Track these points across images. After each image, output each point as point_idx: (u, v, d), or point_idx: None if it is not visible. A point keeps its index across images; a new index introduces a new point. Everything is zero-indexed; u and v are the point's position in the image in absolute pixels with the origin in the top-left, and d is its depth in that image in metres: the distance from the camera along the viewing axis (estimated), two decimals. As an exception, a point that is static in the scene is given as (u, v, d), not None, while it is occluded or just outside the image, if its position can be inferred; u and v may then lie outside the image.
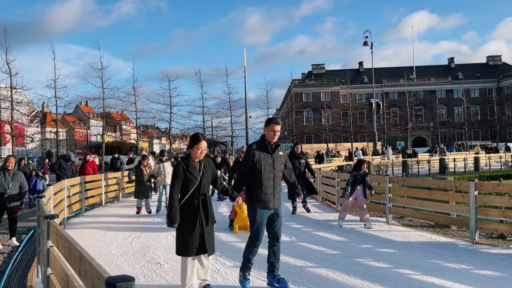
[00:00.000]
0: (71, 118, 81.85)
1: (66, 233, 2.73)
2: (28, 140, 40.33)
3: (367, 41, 30.59)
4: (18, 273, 5.68)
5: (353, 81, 66.48)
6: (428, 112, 67.17)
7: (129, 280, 1.51)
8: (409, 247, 6.61)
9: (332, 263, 5.63)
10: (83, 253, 2.11)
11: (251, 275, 4.87)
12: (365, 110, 59.07)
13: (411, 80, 67.26)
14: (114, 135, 61.65)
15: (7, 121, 36.35)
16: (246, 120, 42.41)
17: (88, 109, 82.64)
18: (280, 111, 76.15)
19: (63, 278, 2.62)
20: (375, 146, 32.91)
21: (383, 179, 9.41)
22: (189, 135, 53.58)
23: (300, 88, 66.87)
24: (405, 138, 59.77)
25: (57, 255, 2.99)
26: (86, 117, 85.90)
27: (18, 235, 8.18)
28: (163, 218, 8.97)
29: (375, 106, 31.21)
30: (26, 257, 6.55)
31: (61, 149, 40.29)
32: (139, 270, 5.38)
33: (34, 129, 45.71)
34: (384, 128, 57.77)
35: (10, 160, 7.51)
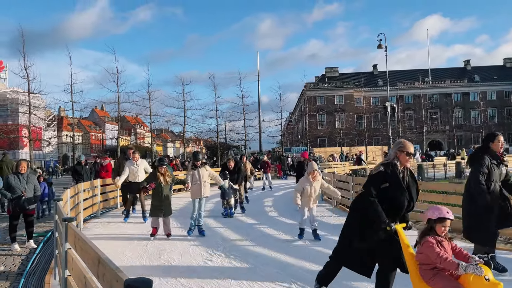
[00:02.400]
0: (87, 122, 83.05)
1: (84, 235, 2.77)
2: (45, 144, 41.02)
3: (381, 44, 30.36)
4: (36, 275, 5.77)
5: (367, 84, 66.01)
6: (444, 115, 66.28)
7: (147, 283, 1.52)
8: (425, 252, 6.51)
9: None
10: (101, 255, 2.14)
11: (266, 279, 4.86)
12: (380, 113, 58.55)
13: (426, 83, 66.46)
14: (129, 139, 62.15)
15: (24, 125, 37.04)
16: (259, 124, 42.47)
17: (103, 113, 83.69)
18: (293, 115, 76.00)
19: (81, 280, 2.66)
20: (390, 150, 32.57)
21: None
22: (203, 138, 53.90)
23: (313, 91, 66.66)
24: (420, 142, 59.04)
25: (74, 258, 3.03)
26: (102, 121, 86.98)
27: (36, 238, 8.31)
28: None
29: (389, 109, 30.87)
30: (43, 259, 6.65)
31: (77, 153, 40.78)
32: (154, 273, 5.42)
33: (51, 133, 46.47)
34: (399, 131, 57.16)
35: (23, 164, 7.65)
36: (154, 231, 7.79)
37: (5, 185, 7.31)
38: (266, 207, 12.09)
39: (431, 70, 69.62)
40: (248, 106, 43.37)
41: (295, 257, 6.19)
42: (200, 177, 7.99)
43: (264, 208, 11.98)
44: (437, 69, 72.40)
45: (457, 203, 7.84)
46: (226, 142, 45.97)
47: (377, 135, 60.85)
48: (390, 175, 3.80)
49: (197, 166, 8.09)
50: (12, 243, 7.41)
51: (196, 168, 8.07)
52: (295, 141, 69.91)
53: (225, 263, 5.91)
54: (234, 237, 7.86)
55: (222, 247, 6.90)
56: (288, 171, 29.90)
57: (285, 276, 5.20)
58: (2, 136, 41.46)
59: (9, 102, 51.33)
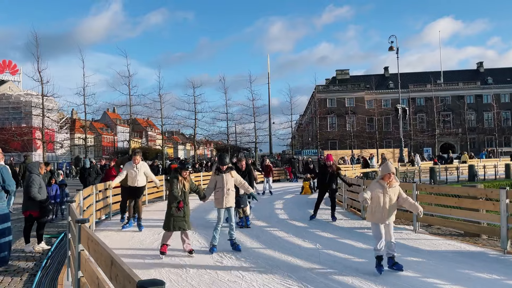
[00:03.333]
0: (99, 124, 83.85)
1: (97, 237, 2.80)
2: (58, 146, 41.51)
3: (393, 46, 30.19)
4: (49, 276, 5.84)
5: (378, 87, 65.63)
6: (456, 118, 65.56)
7: (159, 284, 1.54)
8: (437, 256, 6.46)
9: (358, 271, 5.56)
10: (114, 256, 2.17)
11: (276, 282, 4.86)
12: (391, 115, 58.15)
13: (438, 85, 65.81)
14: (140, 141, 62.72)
15: (38, 127, 37.58)
16: (269, 126, 42.49)
17: (115, 116, 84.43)
18: (303, 117, 75.81)
19: (94, 281, 2.69)
20: (402, 153, 32.31)
21: (410, 186, 9.24)
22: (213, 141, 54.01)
23: (324, 94, 66.44)
24: (432, 145, 58.49)
25: (87, 259, 3.07)
26: (113, 124, 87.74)
27: (49, 239, 8.41)
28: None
29: (401, 112, 30.65)
30: (56, 260, 6.73)
31: (89, 155, 41.23)
32: (165, 275, 5.45)
33: (63, 135, 47.06)
34: (410, 134, 56.69)
35: (43, 166, 7.82)
36: (165, 248, 6.54)
37: (38, 186, 7.36)
38: (276, 210, 12.08)
39: (443, 72, 68.95)
40: (259, 108, 43.47)
41: (305, 260, 6.18)
42: (224, 184, 6.91)
43: (275, 210, 11.97)
44: (450, 71, 71.68)
45: (470, 206, 7.77)
46: (236, 145, 46.06)
47: (389, 137, 60.42)
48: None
49: (222, 171, 7.01)
50: (27, 244, 7.49)
51: (221, 173, 6.99)
52: (306, 143, 69.68)
53: (236, 266, 5.92)
54: (244, 239, 7.87)
55: (233, 249, 6.90)
56: (298, 174, 29.78)
57: (296, 279, 5.19)
58: (16, 138, 42.07)
59: (23, 104, 52.14)
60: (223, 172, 7.02)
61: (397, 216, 9.89)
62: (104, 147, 78.91)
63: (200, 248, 7.15)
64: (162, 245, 6.57)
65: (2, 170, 6.37)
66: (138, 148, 31.23)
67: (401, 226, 9.21)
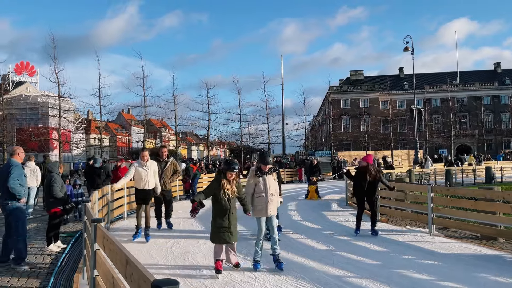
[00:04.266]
0: (114, 125, 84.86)
1: (113, 236, 2.84)
2: (74, 146, 42.09)
3: (408, 46, 29.90)
4: (65, 275, 5.93)
5: (393, 87, 64.98)
6: (473, 119, 64.54)
7: (174, 284, 1.56)
8: (453, 259, 6.37)
9: (372, 273, 5.52)
10: (129, 256, 2.20)
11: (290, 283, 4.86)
12: (406, 117, 57.53)
13: (454, 86, 64.86)
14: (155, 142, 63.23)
15: (55, 128, 38.14)
16: (283, 127, 42.43)
17: (130, 117, 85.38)
18: (317, 118, 75.53)
19: (109, 280, 2.73)
20: (417, 154, 31.96)
21: (425, 188, 9.14)
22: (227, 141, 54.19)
23: (338, 95, 66.07)
24: (448, 146, 57.71)
25: (103, 258, 3.11)
26: (128, 124, 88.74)
27: (64, 238, 8.54)
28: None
29: (416, 113, 30.32)
30: (72, 259, 6.82)
31: (104, 155, 41.74)
32: (179, 275, 5.49)
33: (79, 135, 47.69)
34: (426, 135, 56.02)
35: (62, 166, 8.00)
36: (220, 265, 5.53)
37: (60, 185, 7.57)
38: (289, 211, 12.06)
39: (460, 73, 67.96)
40: (272, 109, 43.48)
41: (319, 261, 6.15)
42: (266, 188, 5.83)
43: (288, 212, 11.95)
44: (466, 72, 70.61)
45: (487, 209, 7.65)
46: (249, 146, 46.12)
47: (403, 139, 59.78)
48: None
49: (264, 172, 5.91)
50: (49, 244, 7.61)
51: (262, 175, 5.90)
52: (319, 144, 69.40)
53: (249, 267, 5.92)
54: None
55: (246, 250, 6.92)
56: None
57: (309, 281, 5.18)
58: (33, 138, 42.81)
59: (40, 105, 53.01)
60: (265, 173, 5.91)
61: (412, 218, 9.83)
62: (119, 147, 79.76)
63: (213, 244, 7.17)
64: (216, 262, 5.55)
65: (13, 168, 6.42)
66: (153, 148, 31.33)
67: (416, 228, 9.12)
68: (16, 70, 58.31)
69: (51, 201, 7.51)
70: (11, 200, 6.39)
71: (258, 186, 5.85)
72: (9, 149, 30.53)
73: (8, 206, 6.38)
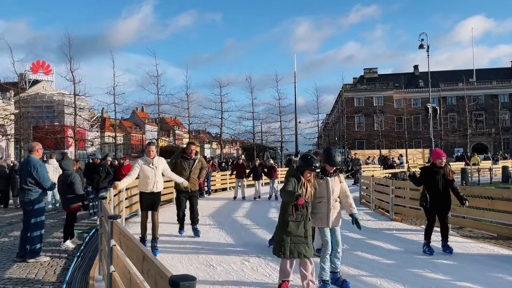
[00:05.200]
0: (128, 123, 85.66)
1: (129, 232, 2.87)
2: (89, 144, 42.61)
3: (423, 43, 29.53)
4: (81, 270, 6.01)
5: (407, 85, 64.29)
6: (489, 117, 63.53)
7: (191, 280, 1.57)
8: (469, 259, 6.29)
9: (387, 272, 5.48)
10: (146, 252, 2.22)
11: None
12: (421, 115, 56.95)
13: (470, 84, 63.90)
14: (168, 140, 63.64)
15: (70, 126, 38.70)
16: (295, 126, 42.24)
17: (143, 115, 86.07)
18: (330, 116, 75.15)
19: (126, 275, 2.76)
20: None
21: (440, 187, 9.02)
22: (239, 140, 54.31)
23: (351, 93, 65.65)
24: (464, 145, 56.89)
25: (119, 254, 3.15)
26: (142, 122, 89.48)
27: (80, 234, 8.67)
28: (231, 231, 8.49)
29: (431, 111, 29.92)
30: (87, 255, 6.92)
31: (119, 153, 42.19)
32: (192, 271, 5.52)
33: (94, 133, 48.29)
34: (441, 134, 55.33)
35: (75, 164, 8.12)
36: (286, 286, 4.57)
37: (80, 183, 7.77)
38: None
39: (476, 71, 66.91)
40: (285, 107, 43.36)
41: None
42: (329, 192, 4.89)
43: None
44: (482, 70, 69.52)
45: (504, 209, 7.53)
46: (262, 144, 46.11)
47: (418, 137, 59.16)
48: None
49: (328, 174, 4.93)
50: (66, 240, 7.73)
51: (326, 177, 4.92)
52: (332, 143, 69.05)
53: (262, 265, 5.93)
54: (270, 238, 7.87)
55: (259, 248, 6.93)
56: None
57: (323, 279, 5.15)
58: (49, 136, 43.48)
59: (56, 103, 53.83)
60: (329, 175, 4.94)
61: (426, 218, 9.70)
62: (133, 145, 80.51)
63: (226, 246, 7.20)
64: (282, 283, 4.59)
65: (38, 167, 6.56)
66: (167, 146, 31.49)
67: (431, 228, 9.01)
68: (32, 69, 59.21)
69: (70, 198, 7.64)
70: (30, 197, 6.50)
71: (319, 190, 4.86)
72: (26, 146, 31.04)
73: (28, 202, 6.50)
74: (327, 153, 5.02)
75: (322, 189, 4.86)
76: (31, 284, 5.37)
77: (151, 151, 6.76)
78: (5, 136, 36.45)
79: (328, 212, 4.89)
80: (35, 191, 6.53)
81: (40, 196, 6.65)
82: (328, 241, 4.90)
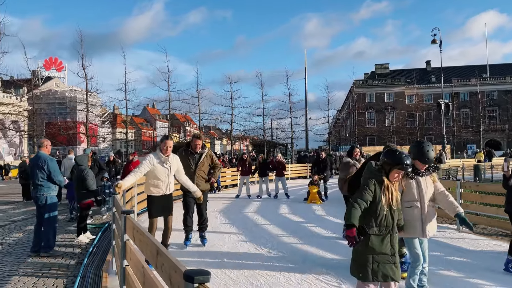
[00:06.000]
0: (139, 119, 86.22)
1: (143, 227, 2.89)
2: (101, 140, 43.03)
3: (435, 38, 29.20)
4: (94, 264, 6.09)
5: (419, 81, 63.67)
6: (503, 113, 62.62)
7: (205, 274, 1.58)
8: (482, 256, 6.23)
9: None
10: (159, 247, 2.24)
11: (314, 277, 4.82)
12: (433, 111, 56.36)
13: (484, 80, 63.03)
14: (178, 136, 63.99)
15: (82, 122, 39.07)
16: (306, 122, 42.20)
17: (154, 111, 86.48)
18: (341, 113, 74.80)
19: (139, 270, 2.79)
20: (444, 149, 31.25)
21: (454, 184, 8.95)
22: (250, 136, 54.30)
23: (362, 89, 65.22)
24: (477, 141, 56.25)
25: (133, 248, 3.18)
26: (153, 119, 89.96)
27: (93, 229, 8.77)
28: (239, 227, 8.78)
29: (443, 107, 29.60)
30: (100, 250, 7.00)
31: (130, 149, 42.48)
32: (204, 267, 5.54)
33: (106, 129, 48.72)
34: (453, 130, 54.75)
35: (90, 159, 8.25)
36: None
37: (92, 178, 7.88)
38: (313, 206, 12.02)
39: (490, 66, 65.95)
40: (295, 104, 43.33)
41: (344, 256, 6.10)
42: (422, 195, 4.15)
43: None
44: (496, 65, 68.51)
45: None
46: (272, 140, 46.10)
47: (430, 134, 58.58)
48: None
49: (420, 172, 4.17)
50: (79, 235, 7.83)
51: (417, 176, 4.17)
52: (343, 139, 68.77)
53: (273, 260, 5.94)
54: (281, 234, 7.89)
55: (270, 244, 6.94)
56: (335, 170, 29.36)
57: (335, 275, 5.16)
58: (62, 132, 43.99)
59: (68, 100, 54.41)
60: (420, 173, 4.18)
61: (439, 215, 9.62)
62: (144, 141, 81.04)
63: (238, 241, 7.22)
64: None
65: (49, 161, 6.64)
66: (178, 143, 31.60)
67: (443, 225, 8.94)
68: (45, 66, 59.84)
69: (83, 193, 7.74)
70: (43, 192, 6.59)
71: (408, 192, 4.10)
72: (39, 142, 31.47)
73: (42, 198, 6.59)
74: (418, 148, 4.18)
75: (412, 191, 4.11)
76: (45, 278, 5.45)
77: (168, 147, 5.58)
78: (18, 132, 36.92)
79: (421, 219, 4.09)
80: (47, 186, 6.62)
81: (53, 191, 6.74)
82: (419, 255, 4.15)
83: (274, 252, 6.43)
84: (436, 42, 29.10)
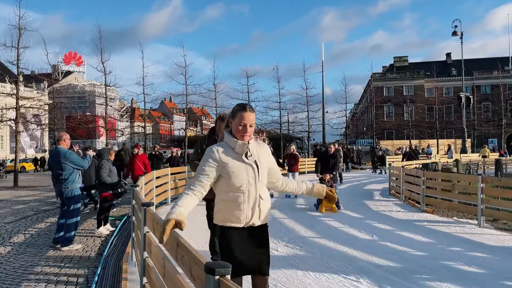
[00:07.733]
0: (157, 113, 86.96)
1: (162, 219, 2.92)
2: (119, 134, 43.57)
3: (456, 30, 28.58)
4: (114, 256, 6.19)
5: (439, 74, 62.49)
6: (526, 107, 61.09)
7: (226, 267, 1.58)
8: (504, 252, 6.11)
9: (418, 264, 5.39)
10: (179, 239, 2.25)
11: (332, 271, 4.81)
12: (453, 104, 55.33)
13: (506, 72, 61.47)
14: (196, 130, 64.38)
15: (101, 116, 39.60)
16: (323, 115, 41.84)
17: (172, 105, 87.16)
18: (358, 106, 74.04)
19: (159, 262, 2.81)
20: (464, 144, 30.67)
21: (475, 179, 8.79)
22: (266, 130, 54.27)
23: (380, 82, 64.37)
24: (498, 135, 55.04)
25: (153, 240, 3.21)
26: (170, 113, 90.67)
27: (112, 221, 8.91)
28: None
29: (464, 100, 29.02)
30: (120, 242, 7.11)
31: (148, 143, 42.93)
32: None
33: (124, 123, 49.30)
34: (474, 124, 53.65)
35: (112, 153, 8.42)
36: None
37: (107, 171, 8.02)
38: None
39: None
40: (312, 97, 42.91)
41: (362, 251, 6.08)
42: None
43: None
44: (519, 57, 66.68)
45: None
46: (289, 134, 45.92)
47: (450, 127, 57.59)
48: None
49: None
50: (99, 226, 7.98)
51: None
52: (360, 133, 68.11)
53: (291, 254, 5.95)
54: (298, 228, 7.88)
55: (287, 238, 6.94)
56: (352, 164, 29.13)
57: (352, 270, 5.13)
58: (82, 126, 44.70)
59: (88, 94, 55.25)
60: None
61: (459, 210, 9.49)
62: (162, 135, 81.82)
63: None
64: None
65: (68, 155, 6.73)
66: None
67: (464, 220, 8.81)
68: (64, 60, 60.82)
69: (100, 186, 7.89)
70: (69, 186, 6.70)
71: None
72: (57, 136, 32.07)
73: (67, 191, 6.70)
74: None
75: None
76: (67, 269, 5.57)
77: (248, 126, 2.93)
78: (39, 126, 37.67)
79: None
80: (71, 180, 6.73)
81: (76, 183, 6.85)
82: None
83: (292, 246, 6.43)
84: (457, 34, 28.49)
